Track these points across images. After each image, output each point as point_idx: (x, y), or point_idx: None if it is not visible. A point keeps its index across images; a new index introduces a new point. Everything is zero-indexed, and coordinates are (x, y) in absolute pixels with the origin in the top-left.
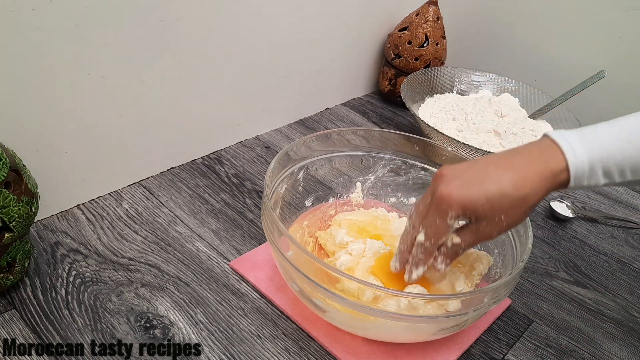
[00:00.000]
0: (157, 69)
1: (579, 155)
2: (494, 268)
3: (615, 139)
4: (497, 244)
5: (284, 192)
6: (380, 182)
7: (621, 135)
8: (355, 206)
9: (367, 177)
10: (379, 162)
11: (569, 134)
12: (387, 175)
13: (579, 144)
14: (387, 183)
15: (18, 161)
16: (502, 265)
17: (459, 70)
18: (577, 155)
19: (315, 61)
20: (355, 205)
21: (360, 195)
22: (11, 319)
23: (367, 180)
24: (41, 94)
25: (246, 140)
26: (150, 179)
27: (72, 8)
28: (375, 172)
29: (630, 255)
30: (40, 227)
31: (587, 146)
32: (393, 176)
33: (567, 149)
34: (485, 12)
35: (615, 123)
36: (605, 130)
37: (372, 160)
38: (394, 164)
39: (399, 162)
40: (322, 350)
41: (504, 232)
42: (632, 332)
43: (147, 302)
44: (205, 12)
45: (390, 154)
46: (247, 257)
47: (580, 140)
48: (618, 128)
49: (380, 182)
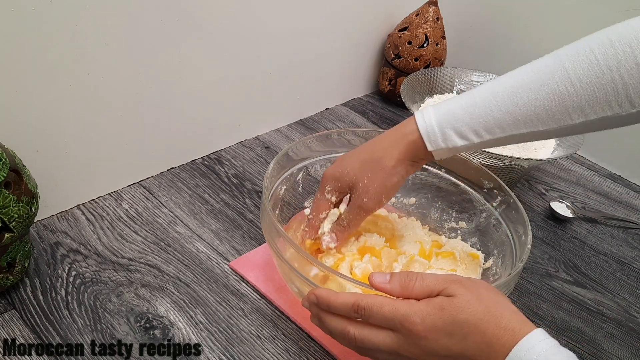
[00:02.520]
0: (157, 69)
1: (427, 119)
2: (494, 268)
3: (462, 104)
4: (496, 244)
5: (284, 192)
6: None
7: (467, 100)
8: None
9: None
10: None
11: (427, 109)
12: None
13: (430, 112)
14: None
15: (18, 161)
16: (501, 265)
17: (459, 70)
18: (426, 120)
19: (315, 61)
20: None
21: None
22: (11, 319)
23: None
24: (41, 94)
25: (246, 140)
26: (150, 179)
27: (72, 8)
28: None
29: (630, 256)
30: (40, 227)
31: (436, 112)
32: None
33: (418, 116)
34: (485, 12)
35: (466, 94)
36: (456, 100)
37: None
38: None
39: None
40: (322, 351)
41: (375, 201)
42: (632, 332)
43: (147, 303)
44: (205, 13)
45: None
46: (247, 257)
47: (432, 110)
48: (466, 96)
49: None
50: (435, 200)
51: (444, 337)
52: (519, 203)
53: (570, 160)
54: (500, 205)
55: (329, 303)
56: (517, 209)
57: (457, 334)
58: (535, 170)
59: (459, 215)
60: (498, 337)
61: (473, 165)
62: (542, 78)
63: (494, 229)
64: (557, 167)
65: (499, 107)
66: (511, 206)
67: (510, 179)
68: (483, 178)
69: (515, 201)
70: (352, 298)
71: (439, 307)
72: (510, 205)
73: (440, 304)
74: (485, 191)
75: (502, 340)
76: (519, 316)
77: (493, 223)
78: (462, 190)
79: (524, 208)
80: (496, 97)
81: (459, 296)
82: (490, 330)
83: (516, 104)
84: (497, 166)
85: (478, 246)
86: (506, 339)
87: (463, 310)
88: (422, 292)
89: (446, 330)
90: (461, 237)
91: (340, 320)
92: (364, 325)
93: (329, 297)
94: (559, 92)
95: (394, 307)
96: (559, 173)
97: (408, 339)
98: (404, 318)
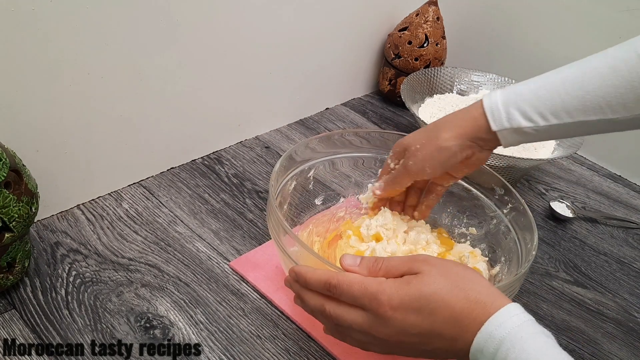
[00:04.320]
0: (157, 69)
1: (493, 100)
2: (500, 275)
3: (530, 86)
4: (504, 251)
5: (292, 190)
6: None
7: (536, 83)
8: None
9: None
10: None
11: (495, 90)
12: None
13: (497, 93)
14: None
15: (18, 161)
16: (507, 272)
17: (459, 70)
18: (492, 98)
19: (315, 61)
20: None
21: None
22: (11, 319)
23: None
24: (41, 94)
25: (246, 140)
26: (150, 179)
27: (72, 8)
28: None
29: (630, 256)
30: (40, 227)
31: (503, 92)
32: None
33: (485, 98)
34: (485, 12)
35: (535, 78)
36: (524, 83)
37: (385, 162)
38: None
39: None
40: (322, 351)
41: (419, 167)
42: (632, 332)
43: (147, 303)
44: (205, 13)
45: None
46: (247, 257)
47: (500, 91)
48: (535, 80)
49: None
50: (446, 205)
51: (412, 314)
52: (527, 210)
53: (570, 160)
54: (510, 212)
55: (306, 279)
56: (526, 215)
57: (424, 309)
58: (535, 170)
59: (470, 221)
60: (468, 310)
61: (485, 170)
62: (613, 64)
63: (503, 235)
64: (557, 167)
65: (567, 91)
66: (520, 212)
67: (510, 179)
68: (494, 184)
69: (525, 208)
70: (326, 276)
71: (406, 281)
72: (519, 212)
73: (407, 279)
74: (497, 197)
75: (473, 314)
76: (489, 289)
77: (502, 230)
78: (474, 195)
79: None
80: (564, 81)
81: (424, 272)
82: (460, 305)
83: (585, 89)
84: (497, 166)
85: (486, 253)
86: (477, 313)
87: (429, 284)
88: (387, 272)
89: (413, 306)
90: (470, 243)
91: (318, 297)
92: (339, 304)
93: (306, 273)
94: (631, 80)
95: (362, 286)
96: (559, 173)
97: (377, 318)
98: (372, 296)
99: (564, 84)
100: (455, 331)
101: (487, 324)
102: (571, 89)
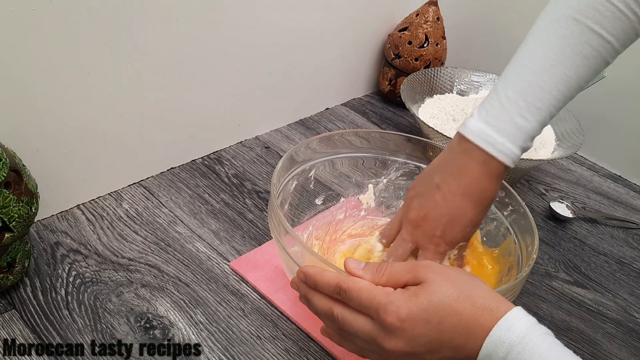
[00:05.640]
0: (157, 69)
1: (509, 154)
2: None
3: (516, 103)
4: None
5: (293, 190)
6: (392, 186)
7: (517, 93)
8: (365, 209)
9: (379, 179)
10: (393, 165)
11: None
12: (400, 178)
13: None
14: (399, 187)
15: (18, 161)
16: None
17: (459, 70)
18: (508, 154)
19: (315, 61)
20: (366, 209)
21: (372, 197)
22: (11, 319)
23: (380, 182)
24: (41, 94)
25: (246, 140)
26: (150, 179)
27: (72, 8)
28: (388, 175)
29: (630, 256)
30: (40, 227)
31: (497, 131)
32: (406, 180)
33: (484, 145)
34: (485, 12)
35: (506, 90)
36: (504, 104)
37: (385, 162)
38: (407, 168)
39: (412, 166)
40: (322, 351)
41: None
42: (632, 332)
43: (147, 303)
44: (205, 13)
45: (404, 157)
46: (247, 257)
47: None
48: (511, 92)
49: (393, 186)
50: None
51: (421, 325)
52: (528, 212)
53: (570, 160)
54: (510, 214)
55: (316, 281)
56: (526, 218)
57: (433, 319)
58: (535, 170)
59: None
60: (475, 318)
61: None
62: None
63: (502, 238)
64: (557, 167)
65: (547, 81)
66: (521, 215)
67: (510, 179)
68: None
69: (525, 210)
70: (336, 279)
71: (414, 293)
72: (520, 214)
73: (414, 291)
74: (497, 199)
75: (480, 320)
76: (493, 294)
77: (502, 232)
78: None
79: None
80: (538, 74)
81: (430, 280)
82: (467, 312)
83: (560, 68)
84: None
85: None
86: (484, 320)
87: (436, 293)
88: (390, 278)
89: (422, 317)
90: None
91: (327, 299)
92: (348, 308)
93: (316, 274)
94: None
95: (371, 294)
96: (559, 173)
97: (384, 329)
98: (380, 307)
99: (540, 77)
100: (462, 339)
101: (495, 329)
102: (548, 77)
